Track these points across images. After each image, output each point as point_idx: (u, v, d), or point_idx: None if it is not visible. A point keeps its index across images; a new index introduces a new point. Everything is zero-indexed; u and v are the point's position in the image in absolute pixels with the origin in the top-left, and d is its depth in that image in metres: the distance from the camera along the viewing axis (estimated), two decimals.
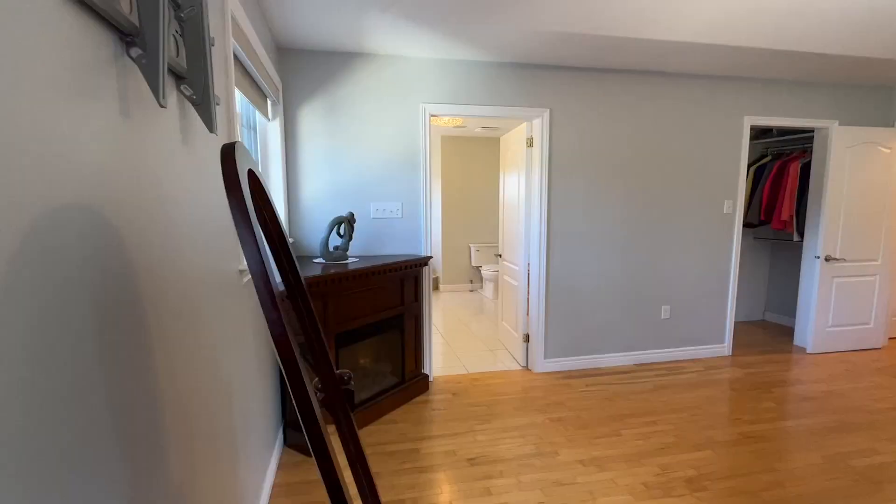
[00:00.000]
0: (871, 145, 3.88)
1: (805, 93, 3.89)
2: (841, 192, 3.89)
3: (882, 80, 3.81)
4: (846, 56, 3.20)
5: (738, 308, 5.19)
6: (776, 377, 3.60)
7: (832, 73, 3.63)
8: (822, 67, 3.46)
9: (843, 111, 3.96)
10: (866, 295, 4.10)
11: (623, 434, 2.73)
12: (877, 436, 2.70)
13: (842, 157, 3.84)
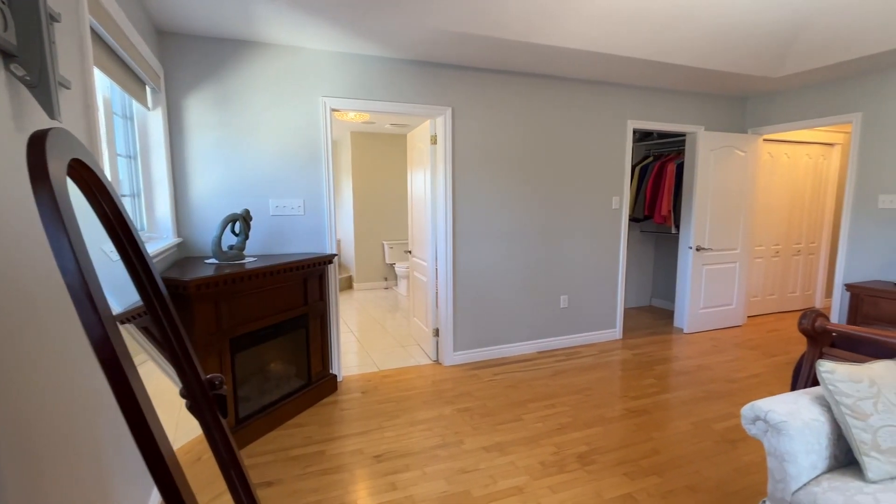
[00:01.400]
0: (729, 148, 4.44)
1: (677, 100, 4.35)
2: (707, 190, 4.41)
3: (737, 91, 4.37)
4: (709, 69, 3.62)
5: (628, 295, 5.68)
6: (658, 356, 4.00)
7: (699, 84, 4.10)
8: (690, 78, 3.89)
9: (708, 118, 4.49)
10: (729, 280, 4.70)
11: (524, 419, 2.87)
12: (734, 401, 3.10)
13: (707, 159, 4.35)
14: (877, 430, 1.41)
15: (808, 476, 1.47)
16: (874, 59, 3.33)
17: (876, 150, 3.70)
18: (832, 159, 5.38)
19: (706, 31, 3.15)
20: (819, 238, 5.50)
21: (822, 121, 4.04)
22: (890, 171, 3.63)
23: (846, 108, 3.86)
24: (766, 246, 5.17)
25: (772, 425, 1.49)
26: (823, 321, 1.81)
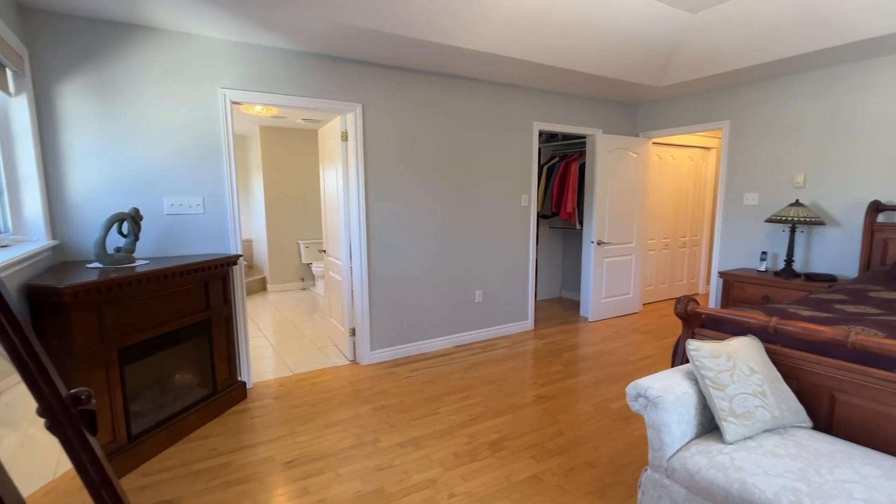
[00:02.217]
0: (624, 150, 4.84)
1: (579, 105, 4.65)
2: (606, 188, 4.77)
3: (630, 98, 4.76)
4: (604, 77, 3.91)
5: (540, 288, 5.99)
6: (565, 344, 4.26)
7: (597, 90, 4.41)
8: (589, 84, 4.18)
9: (605, 121, 4.86)
10: (626, 271, 5.12)
11: (440, 412, 2.93)
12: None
13: (605, 160, 4.71)
14: (733, 397, 1.63)
15: (680, 443, 1.66)
16: (740, 73, 3.80)
17: (741, 153, 4.23)
18: (709, 161, 6.05)
19: (600, 41, 3.40)
20: (701, 232, 6.17)
21: (698, 127, 4.54)
22: (752, 172, 4.16)
23: (718, 116, 4.37)
24: (657, 239, 5.70)
25: (650, 400, 1.66)
26: (694, 305, 2.04)
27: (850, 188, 3.55)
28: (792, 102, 3.84)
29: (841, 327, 1.77)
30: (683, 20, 3.32)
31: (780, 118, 3.92)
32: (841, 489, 1.34)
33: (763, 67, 3.61)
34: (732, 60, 3.56)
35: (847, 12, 2.84)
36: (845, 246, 3.59)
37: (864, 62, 3.42)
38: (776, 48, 3.30)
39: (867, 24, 2.87)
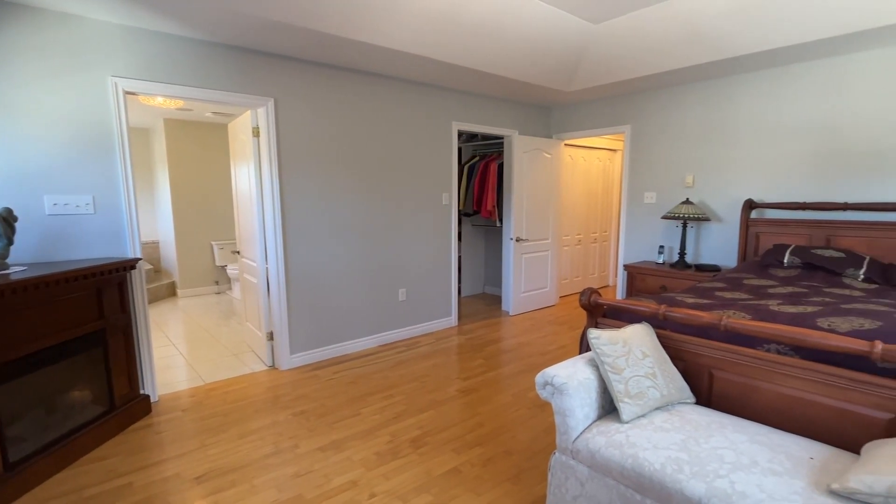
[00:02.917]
0: (538, 151, 5.08)
1: (496, 106, 4.81)
2: (523, 187, 4.97)
3: (543, 101, 5.00)
4: (517, 80, 4.07)
5: (465, 284, 6.12)
6: (487, 338, 4.40)
7: (513, 93, 4.58)
8: (505, 87, 4.33)
9: (521, 123, 5.06)
10: (543, 266, 5.38)
11: (362, 413, 2.91)
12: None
13: (521, 160, 4.91)
14: (628, 380, 1.78)
15: (584, 426, 1.78)
16: (638, 82, 4.13)
17: (641, 155, 4.61)
18: (616, 163, 6.52)
19: (511, 46, 3.54)
20: (610, 228, 6.63)
21: (604, 130, 4.88)
22: (650, 173, 4.55)
23: (621, 120, 4.72)
24: (571, 235, 6.05)
25: (556, 388, 1.77)
26: (596, 297, 2.20)
27: (730, 188, 4.00)
28: (681, 110, 4.24)
29: (717, 312, 2.00)
30: (587, 30, 3.54)
31: (672, 124, 4.32)
32: (714, 455, 1.52)
33: (656, 77, 3.96)
34: (630, 70, 3.87)
35: (721, 32, 3.20)
36: (727, 239, 4.05)
37: (736, 76, 3.86)
38: (665, 61, 3.63)
39: (736, 43, 3.24)
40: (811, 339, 1.55)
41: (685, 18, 3.18)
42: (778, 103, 3.66)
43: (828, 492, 1.33)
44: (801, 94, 3.54)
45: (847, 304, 2.16)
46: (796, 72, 3.55)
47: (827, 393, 1.63)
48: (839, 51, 3.25)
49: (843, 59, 3.34)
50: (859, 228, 3.25)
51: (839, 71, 3.36)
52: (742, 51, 3.29)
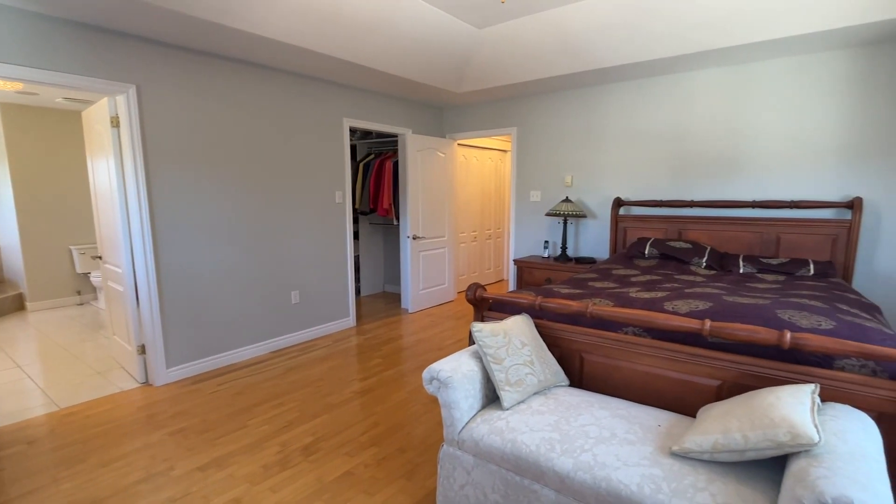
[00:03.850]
0: (432, 150, 5.17)
1: (389, 104, 4.79)
2: (418, 185, 5.03)
3: (435, 101, 5.09)
4: (408, 79, 4.09)
5: (364, 283, 6.03)
6: (386, 337, 4.39)
7: (405, 91, 4.60)
8: (397, 85, 4.33)
9: (415, 122, 5.11)
10: (441, 263, 5.49)
11: (249, 425, 2.75)
12: None
13: (415, 158, 4.96)
14: (508, 369, 1.89)
15: (468, 416, 1.86)
16: (521, 87, 4.38)
17: (527, 156, 4.90)
18: (506, 163, 6.86)
19: (399, 45, 3.55)
20: (503, 225, 6.96)
21: (494, 131, 5.10)
22: (535, 173, 4.85)
23: (508, 122, 4.97)
24: (467, 232, 6.25)
25: (442, 382, 1.82)
26: (482, 291, 2.30)
27: (602, 187, 4.41)
28: (561, 115, 4.58)
29: (585, 301, 2.19)
30: (472, 34, 3.67)
31: (553, 127, 4.65)
32: (581, 432, 1.67)
33: (538, 83, 4.23)
34: (513, 75, 4.09)
35: (589, 45, 3.51)
36: (601, 234, 4.46)
37: (606, 86, 4.27)
38: (543, 68, 3.89)
39: (602, 56, 3.58)
40: (657, 321, 1.77)
41: (558, 30, 3.43)
42: (641, 112, 4.11)
43: (670, 454, 1.52)
44: (659, 104, 4.01)
45: (690, 289, 2.50)
46: (654, 85, 4.01)
47: (672, 367, 1.87)
48: (685, 68, 3.73)
49: (688, 76, 3.84)
50: (703, 223, 3.77)
51: (687, 86, 3.86)
52: (608, 63, 3.63)
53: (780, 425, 1.33)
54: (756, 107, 3.58)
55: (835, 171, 3.34)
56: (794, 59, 3.41)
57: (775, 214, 3.57)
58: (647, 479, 1.43)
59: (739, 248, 3.62)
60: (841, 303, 2.26)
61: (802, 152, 3.44)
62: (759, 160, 3.60)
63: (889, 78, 3.12)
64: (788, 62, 3.43)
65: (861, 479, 1.15)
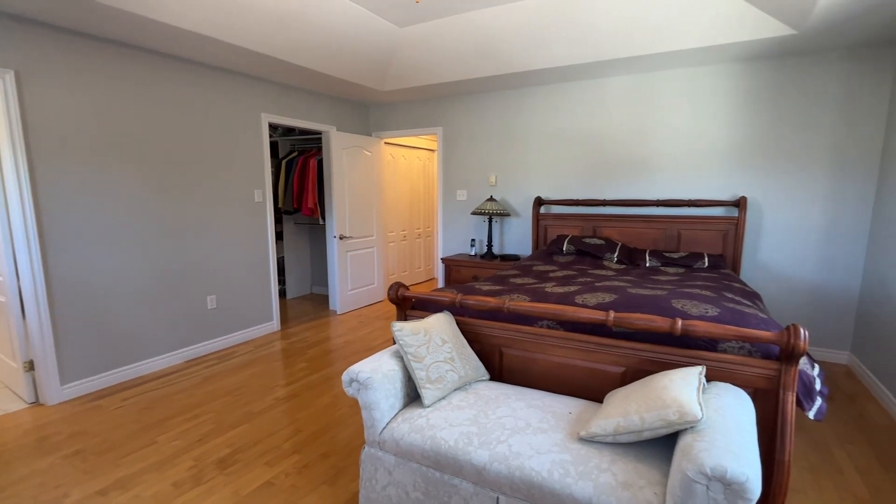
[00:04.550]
0: (358, 149, 5.09)
1: (312, 100, 4.66)
2: (344, 184, 4.93)
3: (360, 98, 5.02)
4: (331, 76, 4.00)
5: (290, 285, 5.82)
6: (312, 340, 4.26)
7: (329, 88, 4.49)
8: (320, 81, 4.21)
9: (339, 119, 5.01)
10: (369, 262, 5.43)
11: (158, 441, 2.56)
12: None
13: (340, 156, 4.86)
14: (429, 366, 1.91)
15: (389, 416, 1.85)
16: (445, 87, 4.43)
17: (453, 156, 4.97)
18: (435, 162, 6.91)
19: (320, 40, 3.46)
20: (433, 224, 7.01)
21: (420, 130, 5.12)
22: (461, 172, 4.94)
23: (433, 122, 5.01)
24: (397, 231, 6.23)
25: (362, 383, 1.80)
26: (404, 291, 2.30)
27: (525, 187, 4.58)
28: (485, 116, 4.69)
29: (502, 297, 2.26)
30: (394, 32, 3.66)
31: (478, 128, 4.75)
32: (498, 424, 1.72)
33: (460, 84, 4.30)
34: (435, 75, 4.13)
35: (509, 48, 3.62)
36: (524, 232, 4.63)
37: (525, 89, 4.43)
38: (464, 69, 3.97)
39: (521, 60, 3.71)
40: (567, 314, 1.87)
41: (478, 32, 3.51)
42: (559, 115, 4.31)
43: (578, 439, 1.62)
44: (575, 108, 4.22)
45: (600, 283, 2.66)
46: (571, 89, 4.22)
47: (582, 357, 1.98)
48: (597, 75, 3.96)
49: (601, 82, 4.09)
50: (615, 220, 4.03)
51: (600, 92, 4.10)
52: (526, 67, 3.77)
53: (671, 405, 1.45)
54: (659, 113, 3.88)
55: (725, 173, 3.70)
56: (689, 70, 3.73)
57: (677, 212, 3.89)
58: (556, 464, 1.51)
59: (647, 243, 3.91)
60: (728, 291, 2.51)
61: (699, 156, 3.78)
62: (663, 162, 3.91)
63: (765, 91, 3.50)
64: (684, 73, 3.75)
65: (735, 448, 1.29)
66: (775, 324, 1.91)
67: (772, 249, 3.63)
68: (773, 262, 3.64)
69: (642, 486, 1.41)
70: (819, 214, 3.46)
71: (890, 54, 3.16)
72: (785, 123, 3.48)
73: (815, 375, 1.80)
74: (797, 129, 3.45)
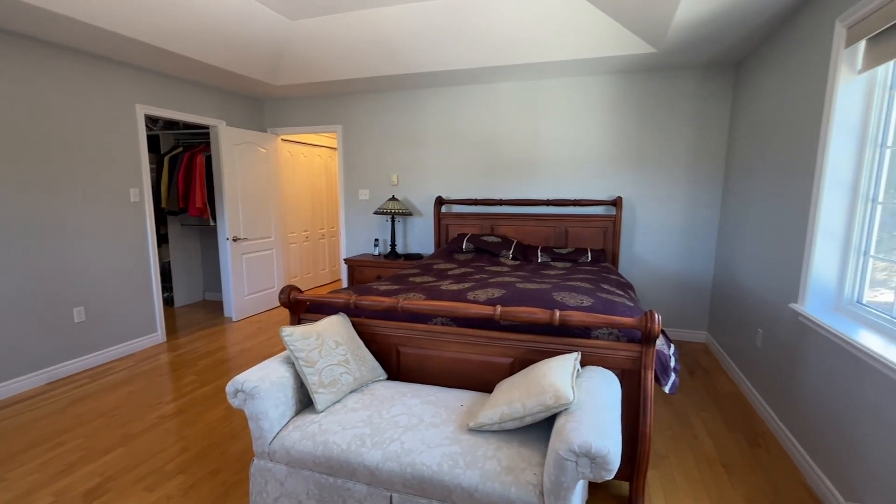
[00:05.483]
0: (252, 145, 4.82)
1: (198, 92, 4.32)
2: (236, 183, 4.64)
3: (254, 92, 4.75)
4: (219, 67, 3.74)
5: (178, 292, 5.35)
6: (204, 350, 3.96)
7: (217, 79, 4.19)
8: (206, 72, 3.91)
9: (229, 113, 4.70)
10: (268, 265, 5.17)
11: (8, 478, 2.23)
12: None
13: (231, 153, 4.57)
14: (321, 371, 1.87)
15: (280, 425, 1.79)
16: (343, 84, 4.34)
17: (354, 155, 4.90)
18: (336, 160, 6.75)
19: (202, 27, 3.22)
20: (337, 224, 6.85)
21: (318, 128, 4.98)
22: (363, 171, 4.88)
23: (333, 119, 4.90)
24: (298, 232, 5.99)
25: (248, 393, 1.72)
26: (296, 294, 2.23)
27: (426, 186, 4.65)
28: (387, 115, 4.68)
29: (397, 296, 2.29)
30: (285, 25, 3.52)
31: (379, 127, 4.73)
32: (392, 422, 1.74)
33: (358, 82, 4.25)
34: (331, 72, 4.04)
35: (405, 49, 3.65)
36: (427, 231, 4.70)
37: (425, 90, 4.50)
38: (361, 67, 3.93)
39: (419, 61, 3.77)
40: (458, 311, 1.94)
41: (373, 31, 3.49)
42: (458, 117, 4.43)
43: (468, 430, 1.69)
44: (474, 111, 4.37)
45: (494, 279, 2.79)
46: (469, 92, 4.36)
47: (474, 350, 2.07)
48: (492, 79, 4.14)
49: (496, 87, 4.27)
50: (511, 219, 4.24)
51: (495, 96, 4.28)
52: (424, 68, 3.83)
53: (548, 391, 1.57)
54: (547, 119, 4.15)
55: (604, 174, 4.07)
56: (570, 80, 4.04)
57: (564, 211, 4.20)
58: (446, 457, 1.56)
59: (539, 240, 4.17)
60: (605, 283, 2.76)
61: (582, 159, 4.10)
62: (552, 164, 4.19)
63: (634, 101, 3.90)
64: (566, 82, 4.05)
65: (600, 426, 1.43)
66: (640, 311, 2.15)
67: (644, 243, 4.05)
68: (645, 254, 4.07)
69: (524, 468, 1.51)
70: (680, 212, 3.93)
71: (730, 74, 3.68)
72: (651, 131, 3.91)
73: (671, 354, 2.05)
74: (661, 137, 3.89)
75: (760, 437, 2.57)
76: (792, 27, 2.64)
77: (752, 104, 3.20)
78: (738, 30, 2.87)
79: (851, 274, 2.14)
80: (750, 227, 3.11)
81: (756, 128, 3.11)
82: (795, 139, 2.50)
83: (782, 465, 2.31)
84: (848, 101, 2.07)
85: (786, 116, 2.64)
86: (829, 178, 2.15)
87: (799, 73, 2.50)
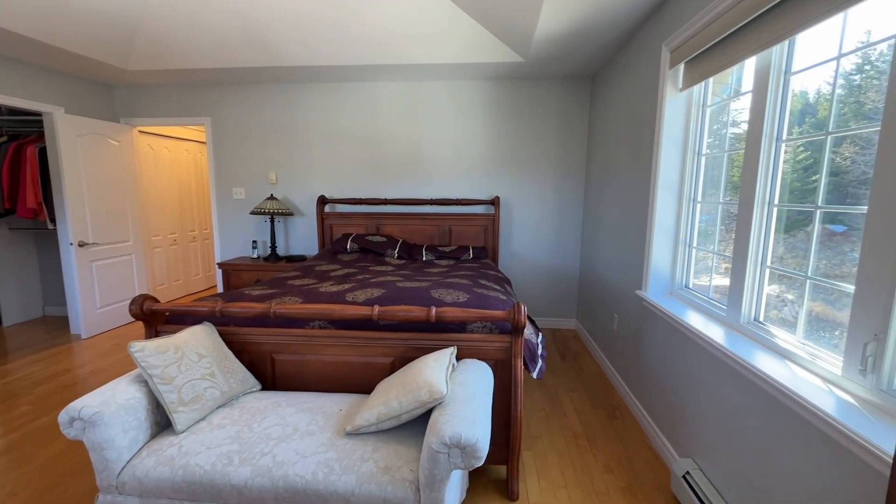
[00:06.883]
0: (100, 136, 4.22)
1: (28, 74, 3.67)
2: (80, 179, 4.03)
3: (100, 77, 4.16)
4: (54, 46, 3.21)
5: (9, 308, 4.51)
6: (41, 375, 3.40)
7: (52, 60, 3.60)
8: (32, 49, 3.34)
9: (70, 100, 4.07)
10: (126, 273, 4.58)
11: None
12: None
13: (73, 145, 3.96)
14: (181, 387, 1.71)
15: (130, 453, 1.60)
16: (209, 74, 3.99)
17: (226, 150, 4.54)
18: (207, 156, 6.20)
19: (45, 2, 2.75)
20: (210, 225, 6.29)
21: (182, 120, 4.52)
22: (237, 168, 4.55)
23: (200, 112, 4.48)
24: (164, 235, 5.39)
25: (87, 421, 1.51)
26: (151, 303, 2.01)
27: (308, 185, 4.48)
28: (264, 109, 4.41)
29: (269, 301, 2.17)
30: (138, 3, 3.14)
31: (255, 121, 4.44)
32: (264, 435, 1.65)
33: (227, 72, 3.94)
34: (192, 59, 3.69)
35: (277, 41, 3.47)
36: (310, 231, 4.53)
37: (304, 84, 4.32)
38: (228, 56, 3.65)
39: (293, 54, 3.60)
40: (335, 313, 1.90)
41: (240, 17, 3.26)
42: (340, 114, 4.32)
43: (345, 435, 1.66)
44: (356, 109, 4.29)
45: (376, 278, 2.78)
46: (350, 90, 4.27)
47: (354, 352, 2.04)
48: (373, 78, 4.11)
49: (377, 86, 4.25)
50: (396, 218, 4.26)
51: (377, 95, 4.26)
52: (298, 62, 3.67)
53: (423, 386, 1.61)
54: (429, 120, 4.24)
55: (483, 175, 4.27)
56: (452, 83, 4.17)
57: (448, 210, 4.32)
58: (321, 464, 1.52)
59: (424, 239, 4.25)
60: (483, 279, 2.90)
61: (463, 159, 4.26)
62: (436, 164, 4.29)
63: (509, 106, 4.15)
64: (448, 85, 4.18)
65: (470, 416, 1.50)
66: (511, 304, 2.29)
67: (520, 240, 4.34)
68: (521, 250, 4.35)
69: (400, 466, 1.53)
70: (550, 209, 4.27)
71: (587, 86, 4.08)
72: (524, 136, 4.19)
73: (539, 342, 2.22)
74: (533, 141, 4.19)
75: (617, 409, 2.90)
76: (631, 47, 3.01)
77: (605, 114, 3.58)
78: (590, 47, 3.19)
79: (681, 263, 2.50)
80: (606, 224, 3.48)
81: (608, 136, 3.49)
82: (637, 147, 2.85)
83: (634, 433, 2.62)
84: (673, 115, 2.42)
85: (629, 126, 3.00)
86: (661, 181, 2.49)
87: (639, 88, 2.86)
